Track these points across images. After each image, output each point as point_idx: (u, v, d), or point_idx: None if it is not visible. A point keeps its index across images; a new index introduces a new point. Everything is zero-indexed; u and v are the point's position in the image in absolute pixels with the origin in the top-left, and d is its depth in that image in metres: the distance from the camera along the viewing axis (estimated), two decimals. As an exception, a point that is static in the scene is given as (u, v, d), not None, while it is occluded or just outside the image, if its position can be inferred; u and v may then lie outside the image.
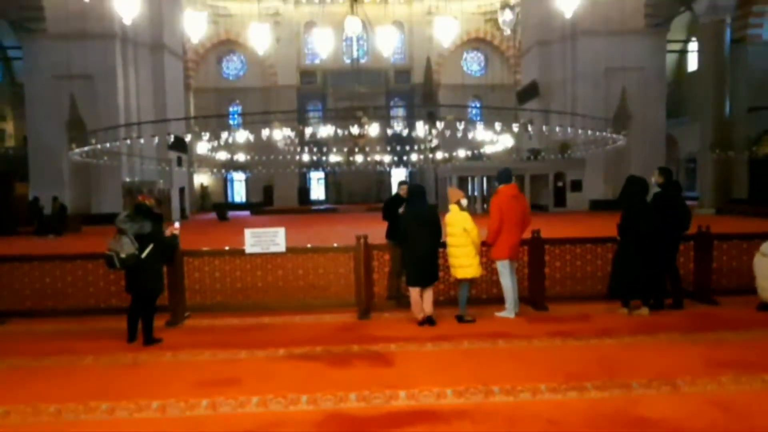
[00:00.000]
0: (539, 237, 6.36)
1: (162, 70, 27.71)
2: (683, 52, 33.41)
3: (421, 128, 22.50)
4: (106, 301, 6.44)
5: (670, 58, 31.19)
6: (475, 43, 38.88)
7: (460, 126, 18.29)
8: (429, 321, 5.75)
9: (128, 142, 20.00)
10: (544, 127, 20.28)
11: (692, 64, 32.88)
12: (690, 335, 5.30)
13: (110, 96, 24.77)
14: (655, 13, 27.15)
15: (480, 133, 24.47)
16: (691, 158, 31.18)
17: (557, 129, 20.21)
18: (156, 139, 20.21)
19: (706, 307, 6.42)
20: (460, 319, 5.87)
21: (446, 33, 8.56)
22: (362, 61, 38.95)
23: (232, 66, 39.92)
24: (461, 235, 5.67)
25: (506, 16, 8.61)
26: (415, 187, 6.06)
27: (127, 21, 6.08)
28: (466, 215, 5.72)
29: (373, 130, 21.75)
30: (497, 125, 19.58)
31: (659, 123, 28.20)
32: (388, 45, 6.90)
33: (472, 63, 40.29)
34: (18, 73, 30.87)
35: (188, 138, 23.61)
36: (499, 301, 6.25)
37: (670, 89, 29.81)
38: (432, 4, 38.11)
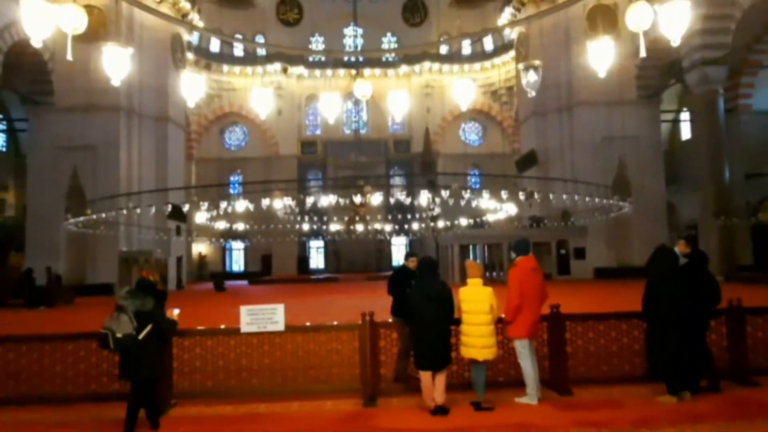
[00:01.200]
0: (559, 312, 5.89)
1: (165, 141, 28.10)
2: (676, 122, 34.16)
3: (421, 197, 22.44)
4: (86, 386, 5.85)
5: (663, 128, 31.83)
6: (473, 113, 39.89)
7: (467, 194, 18.18)
8: (441, 410, 5.15)
9: (124, 211, 19.80)
10: (550, 195, 20.24)
11: (685, 133, 33.57)
12: (736, 424, 4.73)
13: (112, 166, 24.92)
14: (647, 85, 27.97)
15: (482, 201, 24.43)
16: (691, 225, 31.08)
17: (564, 197, 20.16)
18: (153, 209, 20.05)
19: (745, 389, 5.84)
20: (478, 406, 5.28)
21: (465, 95, 8.48)
22: (362, 131, 39.83)
23: (234, 137, 40.70)
24: (483, 313, 5.21)
25: (530, 77, 8.56)
26: (425, 259, 5.65)
27: (116, 83, 6.00)
28: (491, 291, 5.28)
29: (375, 199, 21.66)
30: (503, 193, 19.50)
31: (659, 190, 28.29)
32: (398, 109, 6.90)
33: (471, 133, 41.14)
34: (23, 144, 31.31)
35: (186, 207, 23.49)
36: (517, 383, 5.68)
37: (665, 157, 30.21)
38: (429, 77, 39.51)
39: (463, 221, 30.80)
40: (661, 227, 27.59)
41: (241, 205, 22.34)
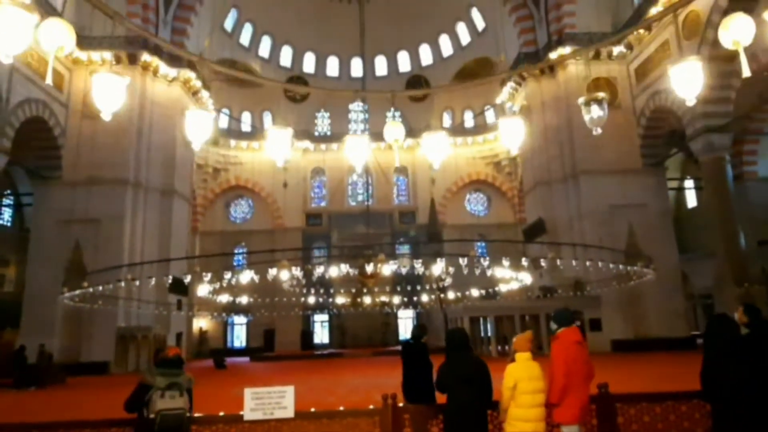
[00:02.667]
0: (608, 393, 5.17)
1: (170, 215, 27.92)
2: (680, 189, 34.11)
3: (434, 267, 21.84)
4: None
5: (669, 196, 31.68)
6: (477, 184, 40.09)
7: (485, 263, 17.60)
8: None
9: (122, 284, 19.22)
10: (573, 262, 19.61)
11: (690, 201, 33.42)
12: None
13: (115, 239, 24.60)
14: (652, 153, 28.07)
15: (495, 271, 23.81)
16: (706, 294, 30.14)
17: (587, 264, 19.53)
18: (153, 281, 19.48)
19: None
20: (524, 508, 4.45)
21: (515, 135, 7.01)
22: (367, 203, 39.86)
23: (240, 210, 40.73)
24: (540, 392, 4.50)
25: (594, 113, 7.26)
26: (455, 332, 4.98)
27: (107, 117, 5.63)
28: (540, 367, 4.62)
29: (387, 269, 21.05)
30: (523, 260, 18.92)
31: (672, 259, 27.55)
32: (437, 153, 6.15)
33: (476, 203, 41.14)
34: (28, 219, 31.23)
35: (188, 279, 22.89)
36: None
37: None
38: (433, 149, 40.10)
39: (474, 292, 29.95)
40: (678, 297, 26.73)
41: (245, 277, 21.74)
